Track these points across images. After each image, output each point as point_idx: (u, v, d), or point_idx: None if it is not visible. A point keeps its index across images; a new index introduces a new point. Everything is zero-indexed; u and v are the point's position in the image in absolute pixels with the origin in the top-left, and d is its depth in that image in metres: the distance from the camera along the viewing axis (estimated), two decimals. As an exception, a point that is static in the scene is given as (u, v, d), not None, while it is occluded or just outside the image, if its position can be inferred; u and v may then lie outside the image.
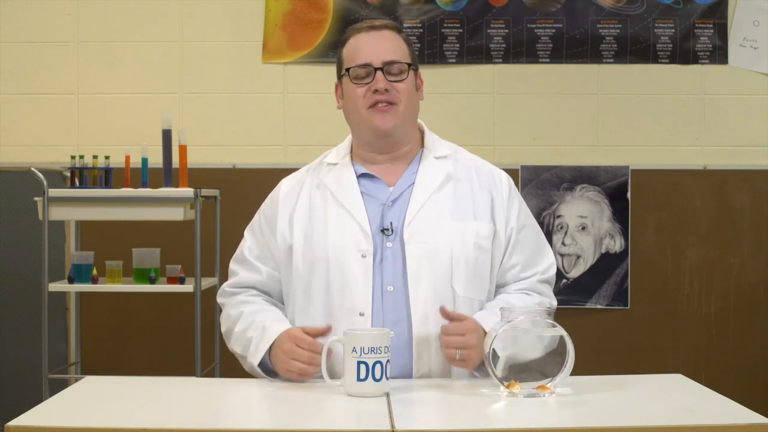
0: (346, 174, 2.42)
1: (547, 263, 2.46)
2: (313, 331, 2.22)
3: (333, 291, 2.32)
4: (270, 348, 2.28)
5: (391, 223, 2.35)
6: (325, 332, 2.22)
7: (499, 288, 2.42)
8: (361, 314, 2.29)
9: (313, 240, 2.36)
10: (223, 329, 2.46)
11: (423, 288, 2.31)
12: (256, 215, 2.51)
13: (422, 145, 2.47)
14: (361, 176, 2.42)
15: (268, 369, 2.30)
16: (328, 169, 2.45)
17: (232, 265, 2.49)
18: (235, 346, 2.39)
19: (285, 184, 2.49)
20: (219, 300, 2.50)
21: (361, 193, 2.39)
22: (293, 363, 2.21)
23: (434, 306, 2.29)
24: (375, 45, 2.37)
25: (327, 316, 2.31)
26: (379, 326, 2.28)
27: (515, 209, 2.43)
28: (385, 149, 2.42)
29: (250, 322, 2.35)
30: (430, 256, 2.32)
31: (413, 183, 2.40)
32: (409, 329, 2.30)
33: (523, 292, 2.40)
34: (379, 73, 2.35)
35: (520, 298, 2.37)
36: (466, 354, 2.22)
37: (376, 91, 2.35)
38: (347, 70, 2.39)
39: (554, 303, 2.43)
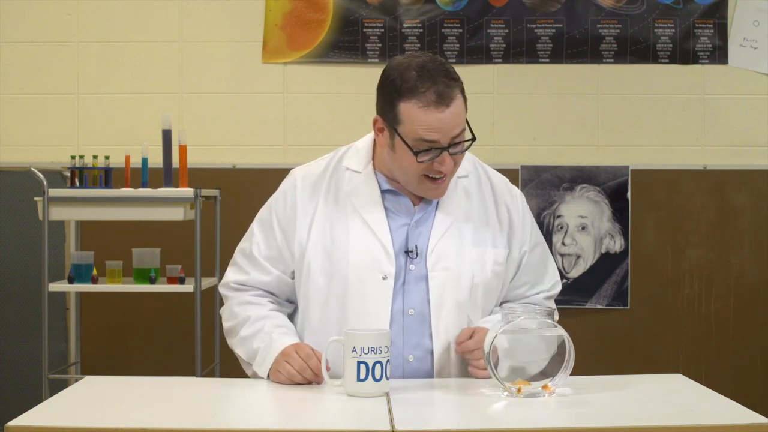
0: (369, 188, 2.34)
1: (553, 281, 2.47)
2: (319, 355, 2.18)
3: (350, 311, 2.28)
4: None
5: (416, 246, 2.31)
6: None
7: (502, 304, 2.41)
8: None
9: (334, 256, 2.30)
10: (226, 325, 2.42)
11: (444, 315, 2.29)
12: (267, 210, 2.41)
13: None
14: (384, 191, 2.34)
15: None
16: (350, 177, 2.36)
17: (239, 259, 2.41)
18: (238, 349, 2.36)
19: (300, 183, 2.38)
20: (222, 291, 2.44)
21: (385, 209, 2.32)
22: (285, 365, 2.19)
23: (455, 332, 2.28)
24: (444, 123, 2.20)
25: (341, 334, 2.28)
26: (399, 349, 2.26)
27: (528, 230, 2.42)
28: None
29: (257, 330, 2.31)
30: (453, 283, 2.30)
31: (437, 203, 2.34)
32: (430, 354, 2.29)
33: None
34: (446, 154, 2.23)
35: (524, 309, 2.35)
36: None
37: (439, 170, 2.24)
38: (413, 151, 2.21)
39: (556, 315, 2.42)
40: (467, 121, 2.27)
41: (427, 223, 2.34)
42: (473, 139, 2.27)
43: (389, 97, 2.24)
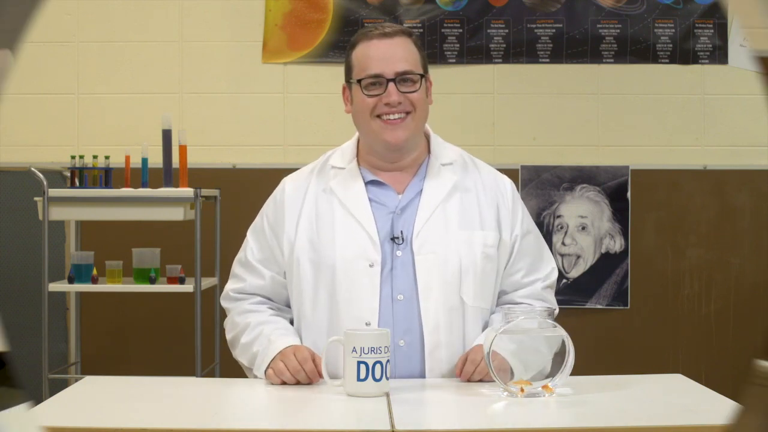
0: (353, 180, 2.38)
1: (549, 269, 2.47)
2: (317, 358, 2.20)
3: (339, 300, 2.30)
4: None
5: (401, 232, 2.33)
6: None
7: (501, 294, 2.42)
8: (368, 324, 2.28)
9: (320, 247, 2.33)
10: (228, 336, 2.44)
11: (433, 298, 2.30)
12: (259, 217, 2.47)
13: (428, 151, 2.44)
14: (368, 183, 2.39)
15: None
16: (335, 174, 2.41)
17: (236, 268, 2.46)
18: (241, 357, 2.38)
19: (289, 185, 2.44)
20: (223, 304, 2.47)
21: (369, 200, 2.36)
22: (279, 363, 2.20)
23: (444, 315, 2.29)
24: (387, 54, 2.32)
25: (332, 324, 2.30)
26: (389, 335, 2.27)
27: (519, 216, 2.43)
28: (394, 159, 2.39)
29: (257, 335, 2.33)
30: (439, 265, 2.31)
31: (421, 191, 2.37)
32: (420, 338, 2.30)
33: (527, 304, 2.39)
34: (391, 86, 2.31)
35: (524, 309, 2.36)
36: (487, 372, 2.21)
37: (387, 103, 2.31)
38: (358, 81, 2.34)
39: (556, 310, 2.42)
40: (425, 70, 2.36)
41: (411, 210, 2.36)
42: (423, 75, 2.35)
43: (347, 55, 2.40)
